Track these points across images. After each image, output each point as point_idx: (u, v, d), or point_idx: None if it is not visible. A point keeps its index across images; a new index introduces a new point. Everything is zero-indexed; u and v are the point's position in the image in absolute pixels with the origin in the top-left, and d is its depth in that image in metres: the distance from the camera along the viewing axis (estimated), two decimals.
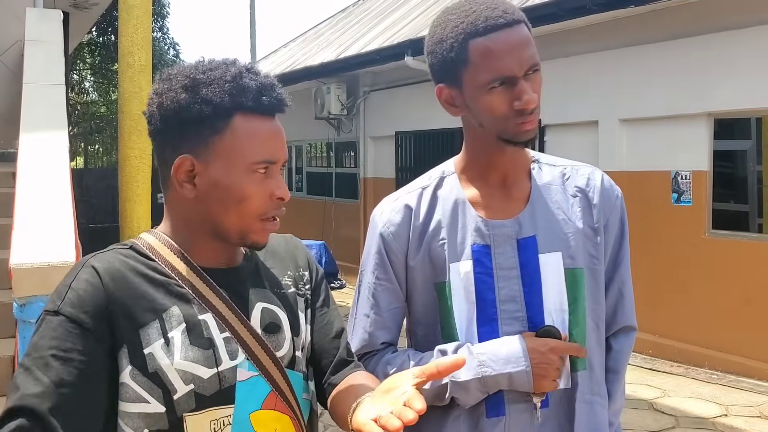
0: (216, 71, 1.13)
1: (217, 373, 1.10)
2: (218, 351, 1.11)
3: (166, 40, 19.91)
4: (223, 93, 1.10)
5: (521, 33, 1.26)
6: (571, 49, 6.64)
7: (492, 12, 1.26)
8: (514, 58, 1.25)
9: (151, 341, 1.08)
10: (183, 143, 1.13)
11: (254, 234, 1.15)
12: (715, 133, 5.75)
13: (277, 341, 1.18)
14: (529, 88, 1.26)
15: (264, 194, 1.13)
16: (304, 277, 1.30)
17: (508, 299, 1.34)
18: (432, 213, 1.40)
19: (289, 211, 5.11)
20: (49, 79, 4.30)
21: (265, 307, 1.19)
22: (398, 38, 8.57)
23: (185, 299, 1.12)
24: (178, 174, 1.13)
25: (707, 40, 5.57)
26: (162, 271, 1.13)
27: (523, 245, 1.35)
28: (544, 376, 1.28)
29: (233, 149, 1.12)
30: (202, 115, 1.10)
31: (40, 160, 3.52)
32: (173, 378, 1.07)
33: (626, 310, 1.47)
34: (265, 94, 1.13)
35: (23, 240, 2.86)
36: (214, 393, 1.09)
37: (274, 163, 1.14)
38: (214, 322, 1.12)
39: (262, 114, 1.14)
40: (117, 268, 1.10)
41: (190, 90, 1.11)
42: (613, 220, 1.42)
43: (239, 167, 1.12)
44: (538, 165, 1.44)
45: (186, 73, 1.13)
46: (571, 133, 6.85)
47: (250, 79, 1.13)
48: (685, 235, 5.86)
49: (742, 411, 4.80)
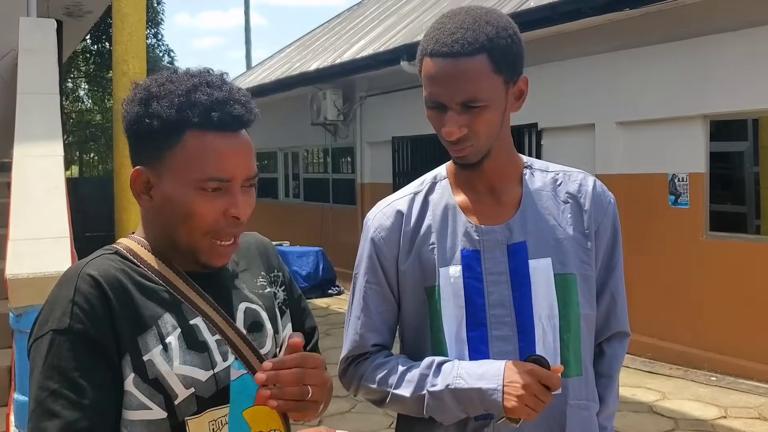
0: (172, 84, 1.12)
1: (213, 375, 1.12)
2: (212, 353, 1.13)
3: (160, 46, 19.92)
4: (171, 108, 1.10)
5: (461, 67, 1.25)
6: (566, 52, 6.65)
7: (445, 37, 1.27)
8: (445, 89, 1.27)
9: (149, 348, 1.09)
10: (141, 155, 1.14)
11: (204, 253, 1.14)
12: (711, 134, 5.76)
13: (261, 339, 1.20)
14: (453, 120, 1.28)
15: (214, 212, 1.11)
16: (279, 278, 1.32)
17: (497, 304, 1.35)
18: (423, 218, 1.42)
19: (286, 218, 5.15)
20: (44, 88, 4.29)
21: (248, 306, 1.21)
22: (393, 43, 8.58)
23: (174, 305, 1.13)
24: (134, 185, 1.15)
25: (702, 42, 5.59)
26: (149, 277, 1.14)
27: (513, 251, 1.36)
28: (516, 396, 1.24)
29: (182, 165, 1.11)
30: (153, 129, 1.10)
31: (34, 169, 3.51)
32: (174, 383, 1.09)
33: (619, 316, 1.48)
34: (216, 109, 1.10)
35: (19, 250, 2.85)
36: (212, 395, 1.12)
37: (226, 180, 1.11)
38: (204, 325, 1.14)
39: (215, 130, 1.11)
40: (113, 275, 1.11)
41: (143, 103, 1.11)
42: (605, 226, 1.43)
43: (188, 183, 1.10)
44: (530, 171, 1.45)
45: (146, 84, 1.14)
46: (567, 136, 6.86)
47: (203, 93, 1.11)
48: (682, 238, 5.87)
49: (741, 413, 4.79)
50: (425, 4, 9.94)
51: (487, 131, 1.30)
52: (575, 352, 1.37)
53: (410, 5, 10.59)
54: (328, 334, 7.01)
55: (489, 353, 1.34)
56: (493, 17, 1.29)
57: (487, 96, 1.27)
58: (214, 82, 1.13)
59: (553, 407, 1.34)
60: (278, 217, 11.81)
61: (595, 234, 1.41)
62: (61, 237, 2.97)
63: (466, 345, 1.35)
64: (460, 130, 1.28)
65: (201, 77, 1.13)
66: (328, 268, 9.69)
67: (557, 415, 1.35)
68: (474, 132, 1.29)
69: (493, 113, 1.29)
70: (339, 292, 9.69)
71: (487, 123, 1.29)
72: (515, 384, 1.25)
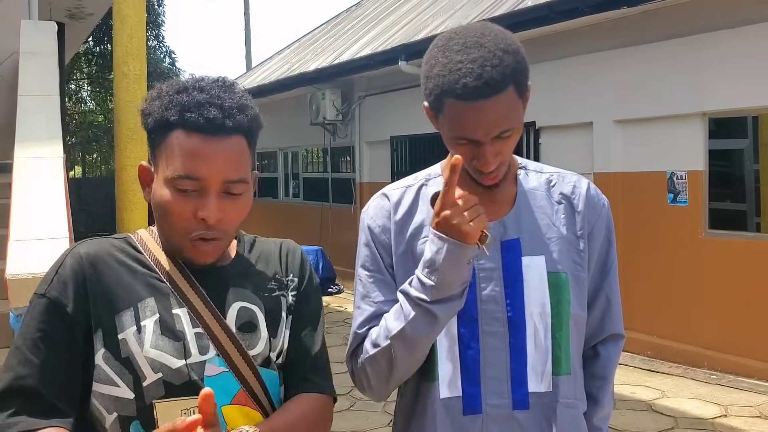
0: (172, 86, 1.17)
1: (185, 364, 1.14)
2: (188, 344, 1.15)
3: (162, 48, 19.92)
4: (161, 107, 1.15)
5: (494, 106, 1.24)
6: (564, 51, 6.65)
7: (473, 81, 1.22)
8: (480, 128, 1.26)
9: (124, 327, 1.14)
10: (150, 150, 1.21)
11: (186, 251, 1.17)
12: (710, 132, 5.76)
13: (251, 340, 1.20)
14: (489, 153, 1.28)
15: (185, 212, 1.14)
16: (293, 282, 1.30)
17: (489, 300, 1.35)
18: (414, 211, 1.42)
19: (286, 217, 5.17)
20: (44, 90, 4.30)
21: (244, 306, 1.22)
22: (392, 43, 8.58)
23: (163, 292, 1.17)
24: (140, 178, 1.22)
25: (700, 39, 5.59)
26: (146, 264, 1.19)
27: (507, 247, 1.37)
28: (463, 232, 1.21)
29: (164, 162, 1.16)
30: (147, 126, 1.18)
31: (35, 170, 3.52)
32: (142, 364, 1.12)
33: (614, 318, 1.48)
34: (192, 110, 1.12)
35: (19, 251, 2.87)
36: (182, 383, 1.13)
37: (196, 179, 1.13)
38: (188, 317, 1.16)
39: (199, 132, 1.13)
40: (100, 255, 1.17)
41: (148, 100, 1.19)
42: (598, 229, 1.44)
43: (165, 181, 1.15)
44: (524, 171, 1.46)
45: (160, 84, 1.21)
46: (565, 135, 6.86)
47: (187, 95, 1.14)
48: (681, 236, 5.87)
49: (741, 411, 4.79)
50: (423, 4, 9.95)
51: (511, 151, 1.33)
52: (566, 351, 1.38)
53: (408, 5, 10.60)
54: (328, 332, 7.01)
55: (479, 348, 1.34)
56: (506, 43, 1.27)
57: (517, 123, 1.29)
58: (204, 86, 1.15)
59: (543, 405, 1.36)
60: (278, 217, 11.82)
61: (588, 236, 1.41)
62: (61, 237, 2.99)
63: (457, 340, 1.35)
64: (497, 160, 1.30)
65: (199, 81, 1.17)
66: (327, 267, 9.71)
67: (547, 413, 1.36)
68: (503, 156, 1.31)
69: (518, 133, 1.32)
70: (339, 290, 9.72)
71: (513, 144, 1.32)
72: (449, 222, 1.22)
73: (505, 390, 1.35)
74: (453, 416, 1.35)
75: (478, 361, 1.34)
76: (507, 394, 1.34)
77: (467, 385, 1.35)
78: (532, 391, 1.35)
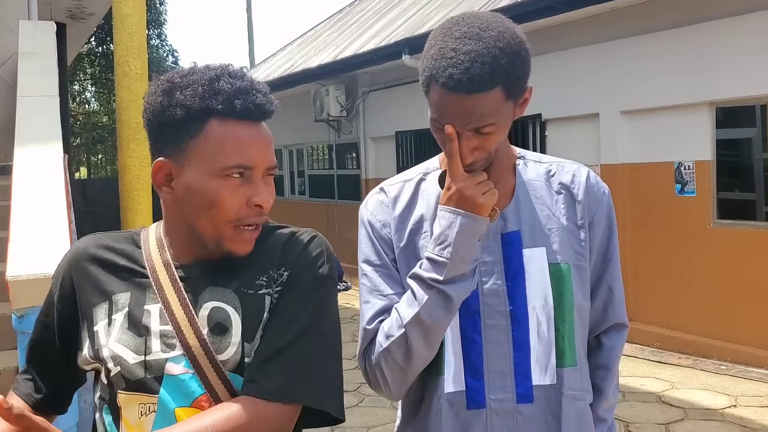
0: (195, 75, 1.13)
1: (143, 361, 1.12)
2: (150, 340, 1.13)
3: (164, 47, 19.95)
4: (195, 96, 1.11)
5: (476, 103, 1.23)
6: (569, 42, 6.61)
7: (459, 73, 1.21)
8: (458, 120, 1.26)
9: (98, 320, 1.17)
10: (163, 146, 1.15)
11: (228, 241, 1.14)
12: (718, 121, 5.71)
13: (221, 344, 1.11)
14: (465, 145, 1.27)
15: (238, 200, 1.12)
16: (281, 276, 1.16)
17: (491, 293, 1.34)
18: (413, 205, 1.41)
19: (292, 215, 5.16)
20: (44, 91, 4.30)
21: (217, 306, 1.13)
22: (395, 37, 8.55)
23: (141, 287, 1.17)
24: (156, 177, 1.16)
25: (706, 28, 5.53)
26: (136, 259, 1.20)
27: (507, 240, 1.36)
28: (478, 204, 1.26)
29: (206, 153, 1.12)
30: (176, 118, 1.12)
31: (34, 172, 3.52)
32: (107, 357, 1.14)
33: (617, 307, 1.47)
34: (239, 97, 1.12)
35: (19, 252, 2.86)
36: (138, 379, 1.12)
37: (249, 168, 1.13)
38: (158, 313, 1.15)
39: (238, 118, 1.12)
40: (89, 249, 1.22)
41: (167, 94, 1.13)
42: (599, 218, 1.42)
43: (211, 172, 1.12)
44: (523, 162, 1.45)
45: (168, 77, 1.15)
46: (571, 126, 6.82)
47: (225, 82, 1.12)
48: (689, 226, 5.83)
49: (751, 401, 4.76)
50: None
51: (494, 147, 1.31)
52: (570, 342, 1.36)
53: None
54: None
55: (482, 342, 1.33)
56: (505, 41, 1.24)
57: (499, 122, 1.27)
58: (235, 73, 1.15)
59: (548, 398, 1.35)
60: (285, 215, 11.82)
61: (589, 225, 1.40)
62: (62, 238, 2.98)
63: (459, 333, 1.34)
64: (472, 154, 1.28)
65: (222, 69, 1.15)
66: (335, 265, 9.70)
67: (553, 405, 1.35)
68: (483, 151, 1.29)
69: (503, 132, 1.30)
70: (346, 287, 9.70)
71: (495, 142, 1.30)
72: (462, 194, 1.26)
73: (509, 384, 1.33)
74: (457, 411, 1.34)
75: (481, 355, 1.34)
76: (511, 388, 1.33)
77: (471, 379, 1.34)
78: (537, 384, 1.34)
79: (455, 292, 1.27)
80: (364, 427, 4.56)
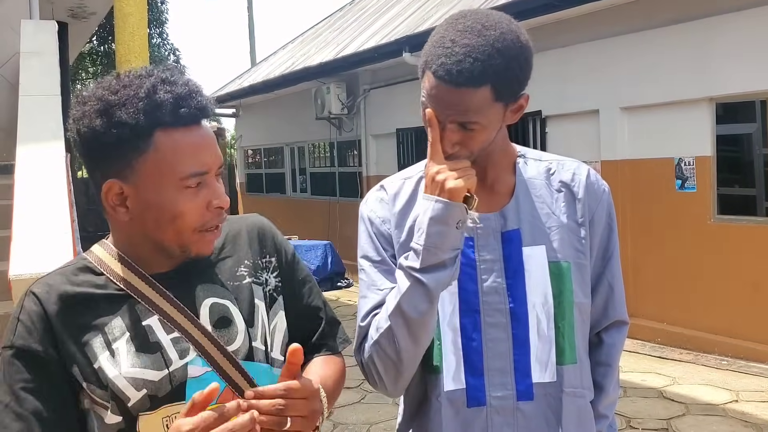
0: (128, 89, 1.09)
1: (168, 374, 1.11)
2: (166, 352, 1.12)
3: (165, 46, 19.95)
4: (137, 112, 1.07)
5: (461, 97, 1.24)
6: (568, 38, 6.60)
7: (451, 64, 1.22)
8: (441, 109, 1.27)
9: (96, 356, 1.10)
10: (109, 167, 1.11)
11: (195, 246, 1.15)
12: (718, 117, 5.71)
13: (229, 335, 1.16)
14: (447, 138, 1.29)
15: (199, 207, 1.12)
16: (270, 263, 1.27)
17: (491, 291, 1.35)
18: (413, 202, 1.41)
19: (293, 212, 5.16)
20: (46, 90, 4.30)
21: (215, 302, 1.18)
22: (395, 35, 8.55)
23: (129, 307, 1.13)
24: (108, 199, 1.12)
25: (706, 23, 5.53)
26: (105, 285, 1.15)
27: (507, 238, 1.37)
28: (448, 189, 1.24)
29: (159, 167, 1.09)
30: (121, 138, 1.08)
31: (36, 170, 3.52)
32: (124, 387, 1.09)
33: (617, 305, 1.47)
34: (183, 105, 1.09)
35: (22, 251, 2.87)
36: (167, 393, 1.11)
37: (205, 173, 1.12)
38: (159, 324, 1.13)
39: (184, 125, 1.10)
40: (60, 290, 1.12)
41: (104, 114, 1.08)
42: (599, 215, 1.42)
43: (168, 184, 1.10)
44: (523, 160, 1.45)
45: (98, 95, 1.10)
46: (571, 123, 6.82)
47: (165, 92, 1.09)
48: (690, 222, 5.83)
49: (752, 396, 4.77)
50: None
51: (479, 147, 1.31)
52: (570, 340, 1.37)
53: None
54: None
55: (482, 340, 1.34)
56: (505, 43, 1.24)
57: (485, 122, 1.27)
58: (169, 79, 1.12)
59: (548, 395, 1.35)
60: (286, 212, 11.83)
61: (589, 223, 1.40)
62: (64, 237, 2.99)
63: (459, 331, 1.34)
64: (453, 148, 1.29)
65: (155, 77, 1.11)
66: (336, 261, 9.72)
67: (553, 403, 1.35)
68: (466, 148, 1.29)
69: (488, 133, 1.30)
70: (348, 284, 9.72)
71: (480, 142, 1.30)
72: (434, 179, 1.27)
73: (509, 381, 1.34)
74: (457, 408, 1.35)
75: (480, 352, 1.34)
76: (511, 386, 1.34)
77: (471, 376, 1.34)
78: (536, 381, 1.34)
79: (432, 281, 1.25)
80: (366, 423, 4.57)
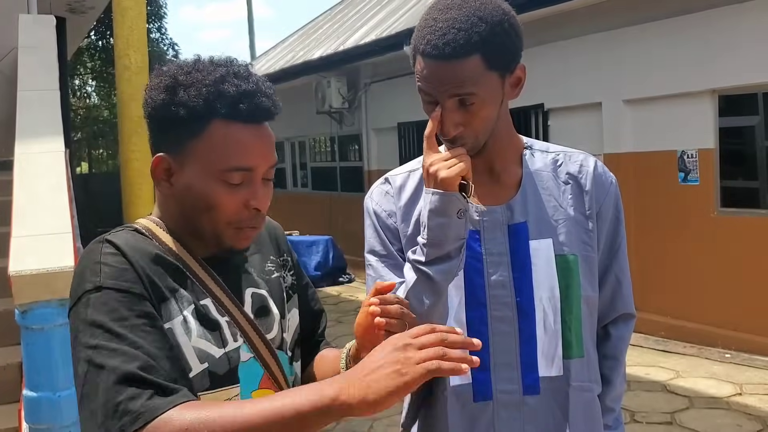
0: (199, 73, 1.11)
1: (225, 353, 1.13)
2: (224, 332, 1.14)
3: (164, 40, 19.90)
4: (199, 97, 1.10)
5: (453, 69, 1.23)
6: (571, 31, 6.57)
7: (436, 39, 1.23)
8: (436, 87, 1.27)
9: (171, 317, 1.09)
10: (163, 141, 1.14)
11: (228, 239, 1.15)
12: (721, 110, 5.68)
13: (267, 324, 1.22)
14: (447, 118, 1.28)
15: (236, 203, 1.12)
16: (288, 262, 1.34)
17: (498, 285, 1.34)
18: (418, 195, 1.40)
19: (295, 207, 5.14)
20: (44, 85, 4.28)
21: (255, 291, 1.23)
22: (396, 28, 8.52)
23: (187, 283, 1.14)
24: (156, 171, 1.15)
25: (709, 15, 5.50)
26: (169, 255, 1.15)
27: (514, 231, 1.36)
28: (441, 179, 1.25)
29: (206, 154, 1.11)
30: (178, 117, 1.10)
31: (36, 166, 3.51)
32: (189, 355, 1.09)
33: (624, 297, 1.47)
34: (243, 101, 1.10)
35: (22, 247, 2.85)
36: (225, 372, 1.12)
37: (249, 170, 1.12)
38: (213, 307, 1.14)
39: (242, 121, 1.11)
40: (134, 244, 1.11)
41: (169, 91, 1.11)
42: (606, 207, 1.41)
43: (211, 174, 1.11)
44: (530, 151, 1.44)
45: (171, 72, 1.13)
46: (574, 115, 6.80)
47: (230, 84, 1.10)
48: (693, 215, 5.81)
49: (756, 389, 4.76)
50: None
51: (483, 126, 1.29)
52: (577, 334, 1.36)
53: None
54: (340, 321, 7.03)
55: (488, 333, 1.33)
56: (486, 11, 1.24)
57: (482, 93, 1.26)
58: (241, 73, 1.13)
59: (555, 389, 1.35)
60: (287, 207, 11.81)
61: (596, 215, 1.39)
62: (64, 233, 2.97)
63: (466, 325, 1.34)
64: (456, 128, 1.28)
65: (228, 67, 1.13)
66: (338, 257, 9.70)
67: (560, 397, 1.35)
68: (470, 129, 1.28)
69: (489, 108, 1.28)
70: (350, 279, 9.71)
71: (483, 119, 1.28)
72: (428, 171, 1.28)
73: (516, 375, 1.33)
74: (463, 403, 1.34)
75: (487, 346, 1.33)
76: (517, 380, 1.33)
77: (477, 371, 1.33)
78: (543, 375, 1.34)
79: (437, 274, 1.27)
80: (370, 418, 4.56)
